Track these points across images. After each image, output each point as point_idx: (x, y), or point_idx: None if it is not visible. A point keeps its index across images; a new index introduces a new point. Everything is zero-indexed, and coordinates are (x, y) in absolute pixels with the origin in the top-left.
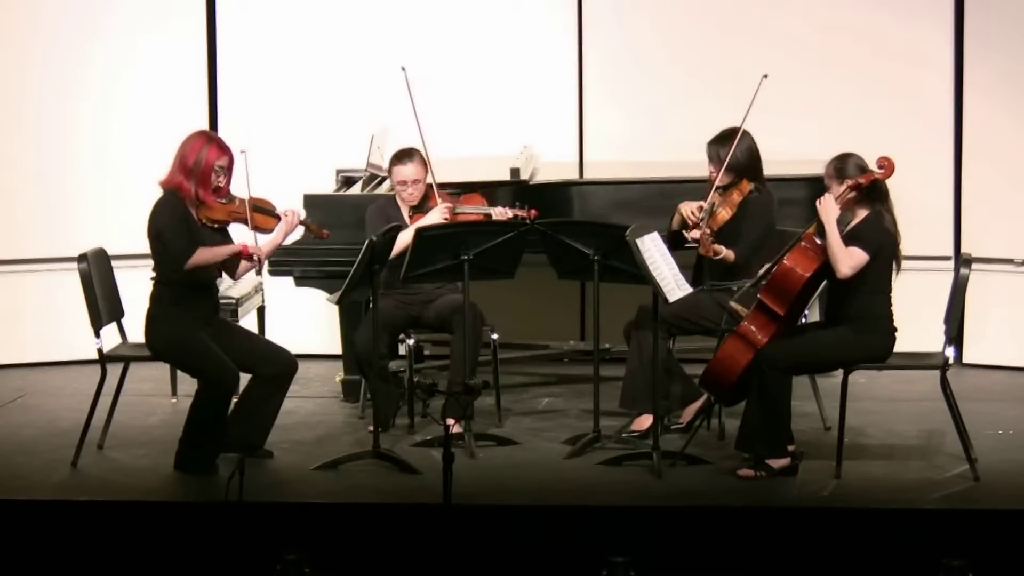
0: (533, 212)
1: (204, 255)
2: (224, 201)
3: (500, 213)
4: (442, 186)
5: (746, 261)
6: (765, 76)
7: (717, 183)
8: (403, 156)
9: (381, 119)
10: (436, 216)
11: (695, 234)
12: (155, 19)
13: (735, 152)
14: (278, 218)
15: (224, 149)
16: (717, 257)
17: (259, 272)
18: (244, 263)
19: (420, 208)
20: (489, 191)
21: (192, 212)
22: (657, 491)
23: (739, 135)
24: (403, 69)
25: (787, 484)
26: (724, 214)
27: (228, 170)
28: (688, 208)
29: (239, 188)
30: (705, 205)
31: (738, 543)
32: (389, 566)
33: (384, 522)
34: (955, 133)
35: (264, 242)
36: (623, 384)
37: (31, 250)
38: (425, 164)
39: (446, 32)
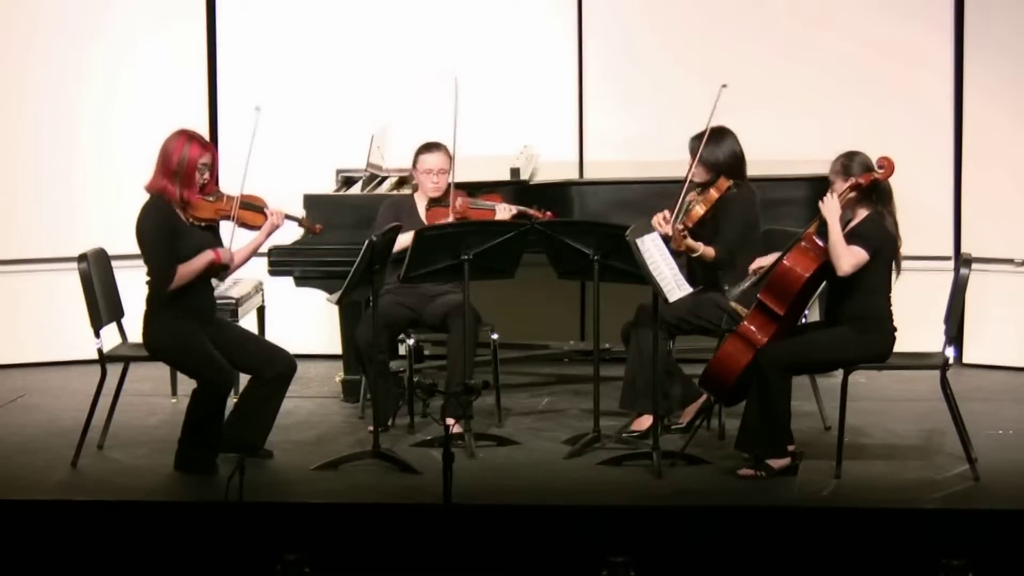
0: (548, 214)
1: (183, 272)
2: (212, 199)
3: (505, 210)
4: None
5: (729, 257)
6: (724, 86)
7: (694, 178)
8: (431, 145)
9: (381, 119)
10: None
11: (667, 230)
12: (155, 19)
13: (716, 151)
14: (267, 216)
15: (206, 146)
16: (694, 255)
17: (222, 278)
18: (237, 257)
19: (439, 202)
20: (490, 191)
21: (179, 214)
22: (657, 491)
23: (708, 133)
24: (455, 78)
25: (787, 484)
26: (699, 210)
27: (212, 167)
28: (657, 219)
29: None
30: (679, 202)
31: (738, 543)
32: (389, 566)
33: (384, 522)
34: (955, 133)
35: (243, 243)
36: (623, 384)
37: (31, 250)
38: (450, 158)
39: (446, 32)
